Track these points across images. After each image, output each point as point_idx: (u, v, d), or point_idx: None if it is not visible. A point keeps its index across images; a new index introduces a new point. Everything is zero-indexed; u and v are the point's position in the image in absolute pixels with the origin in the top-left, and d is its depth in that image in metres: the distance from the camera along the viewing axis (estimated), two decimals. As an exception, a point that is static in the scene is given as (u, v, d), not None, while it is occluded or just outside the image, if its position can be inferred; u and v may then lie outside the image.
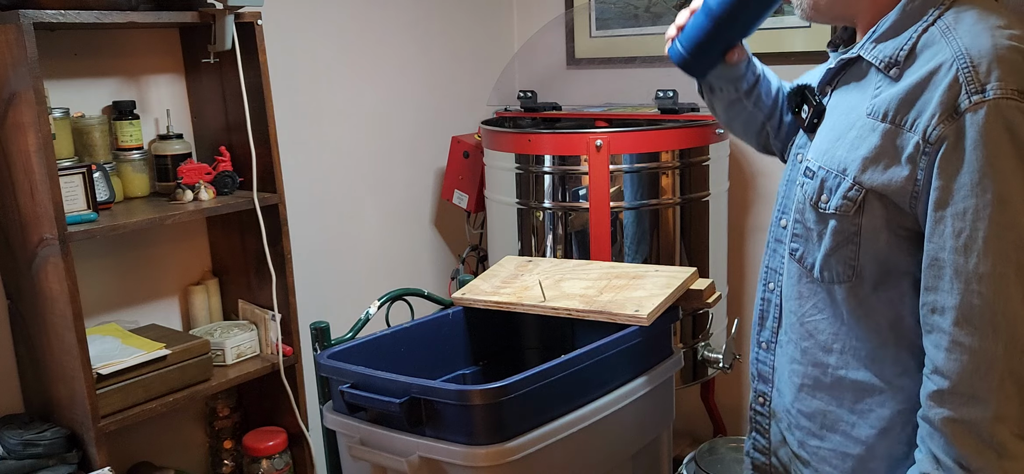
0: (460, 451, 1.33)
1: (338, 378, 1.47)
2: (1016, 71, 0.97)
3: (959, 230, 0.99)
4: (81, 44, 1.96)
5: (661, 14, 2.69)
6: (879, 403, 1.14)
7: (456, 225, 2.91)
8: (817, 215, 1.14)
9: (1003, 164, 0.96)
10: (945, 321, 1.01)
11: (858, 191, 1.08)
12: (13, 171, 1.75)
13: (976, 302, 0.98)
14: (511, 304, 1.70)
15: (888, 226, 1.07)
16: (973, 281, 0.98)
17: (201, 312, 2.19)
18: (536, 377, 1.36)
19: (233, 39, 1.92)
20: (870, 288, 1.11)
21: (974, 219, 0.98)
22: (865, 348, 1.14)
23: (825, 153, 1.14)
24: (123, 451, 2.05)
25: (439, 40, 2.79)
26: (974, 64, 0.98)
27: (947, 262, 1.00)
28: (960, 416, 1.00)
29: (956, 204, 0.99)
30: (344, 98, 2.53)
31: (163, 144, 2.04)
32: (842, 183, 1.09)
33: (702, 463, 2.33)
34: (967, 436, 1.00)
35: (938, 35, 1.03)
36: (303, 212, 2.41)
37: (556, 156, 2.26)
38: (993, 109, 0.96)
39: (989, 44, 0.99)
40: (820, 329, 1.19)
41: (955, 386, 1.00)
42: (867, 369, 1.14)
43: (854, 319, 1.14)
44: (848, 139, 1.10)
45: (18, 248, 1.82)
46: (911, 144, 1.02)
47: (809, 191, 1.15)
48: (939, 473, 1.02)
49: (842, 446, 1.18)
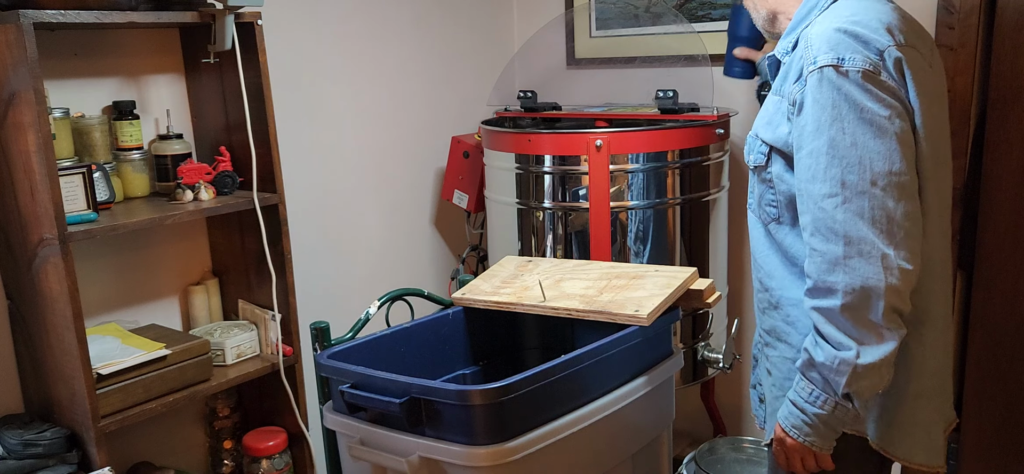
0: (460, 451, 1.33)
1: (338, 378, 1.47)
2: (836, 45, 1.29)
3: (807, 165, 1.32)
4: (81, 44, 1.96)
5: (661, 14, 2.69)
6: (801, 312, 1.42)
7: (456, 225, 2.91)
8: (750, 173, 1.52)
9: (831, 113, 1.29)
10: (806, 234, 1.33)
11: (764, 146, 1.45)
12: (13, 171, 1.75)
13: (820, 216, 1.30)
14: (511, 304, 1.70)
15: (786, 169, 1.41)
16: (818, 200, 1.30)
17: (201, 312, 2.19)
18: (536, 377, 1.36)
19: (233, 39, 1.92)
20: (787, 220, 1.44)
21: (815, 156, 1.30)
22: (792, 272, 1.44)
23: (753, 126, 1.51)
24: (123, 451, 2.05)
25: (439, 40, 2.79)
26: (811, 43, 1.33)
27: (804, 191, 1.33)
28: (819, 305, 1.31)
29: (804, 146, 1.32)
30: (344, 98, 2.53)
31: (163, 144, 2.04)
32: (755, 143, 1.47)
33: (702, 463, 2.33)
34: (825, 318, 1.30)
35: (809, 29, 1.37)
36: (303, 212, 2.41)
37: (556, 156, 2.26)
38: (818, 73, 1.30)
39: (824, 28, 1.32)
40: (766, 261, 1.51)
41: (815, 283, 1.31)
42: (794, 289, 1.44)
43: (782, 250, 1.46)
44: (764, 114, 1.47)
45: (18, 248, 1.82)
46: (784, 106, 1.39)
47: (746, 156, 1.52)
48: (815, 349, 1.33)
49: (786, 352, 1.48)
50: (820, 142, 1.29)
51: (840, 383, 1.31)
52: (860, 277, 1.26)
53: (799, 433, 1.38)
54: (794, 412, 1.38)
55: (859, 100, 1.28)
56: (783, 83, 1.41)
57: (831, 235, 1.28)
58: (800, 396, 1.37)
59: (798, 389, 1.37)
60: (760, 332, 1.58)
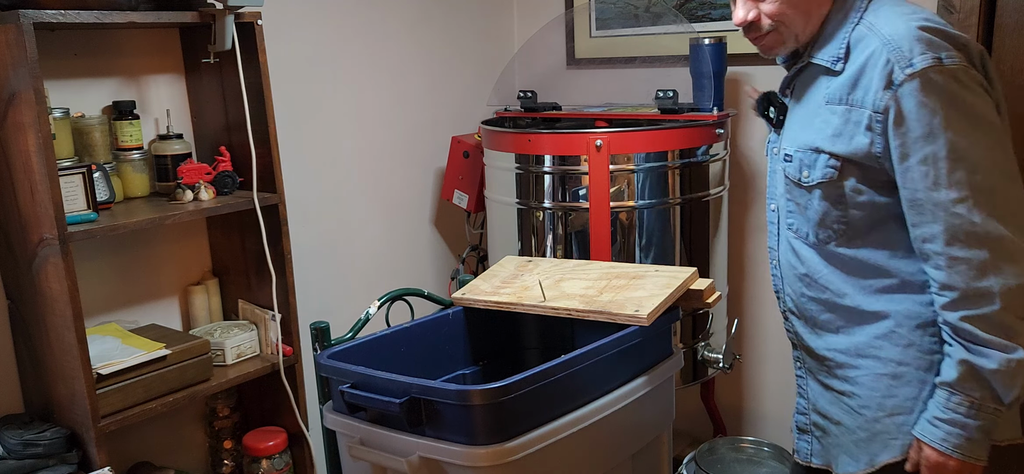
0: (460, 451, 1.33)
1: (338, 378, 1.47)
2: (928, 44, 1.27)
3: (925, 173, 1.28)
4: (81, 44, 1.96)
5: (661, 14, 2.69)
6: (896, 324, 1.40)
7: (456, 225, 2.91)
8: (802, 191, 1.44)
9: (943, 115, 1.25)
10: (937, 245, 1.29)
11: (834, 161, 1.38)
12: (13, 171, 1.75)
13: (955, 223, 1.27)
14: (511, 304, 1.70)
15: (865, 182, 1.37)
16: (949, 208, 1.27)
17: (201, 312, 2.19)
18: (536, 377, 1.36)
19: (233, 39, 1.92)
20: (862, 235, 1.40)
21: (934, 162, 1.27)
22: (873, 283, 1.41)
23: (796, 139, 1.45)
24: (123, 451, 2.05)
25: (439, 40, 2.79)
26: (894, 46, 1.29)
27: (924, 200, 1.29)
28: (975, 313, 1.28)
29: (917, 154, 1.28)
30: (344, 98, 2.53)
31: (163, 144, 2.04)
32: (818, 159, 1.40)
33: (702, 463, 2.33)
34: (984, 325, 1.27)
35: (865, 31, 1.36)
36: (303, 212, 2.41)
37: (556, 156, 2.26)
38: (922, 77, 1.26)
39: (905, 29, 1.30)
40: (830, 282, 1.45)
41: (964, 292, 1.28)
42: (881, 302, 1.41)
43: (852, 265, 1.42)
44: (814, 125, 1.41)
45: (18, 248, 1.82)
46: (865, 116, 1.33)
47: (791, 172, 1.46)
48: (980, 358, 1.28)
49: (878, 368, 1.43)
50: (936, 147, 1.26)
51: (1015, 387, 1.28)
52: (1014, 276, 1.26)
53: (964, 452, 1.32)
54: (953, 432, 1.33)
55: (966, 98, 1.26)
56: (850, 91, 1.35)
57: (973, 240, 1.26)
58: (956, 413, 1.32)
59: (952, 406, 1.32)
60: (820, 356, 1.53)
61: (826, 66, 1.40)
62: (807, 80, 1.46)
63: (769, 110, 1.56)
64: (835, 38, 1.40)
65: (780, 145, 1.51)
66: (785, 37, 1.43)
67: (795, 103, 1.49)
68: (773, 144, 1.56)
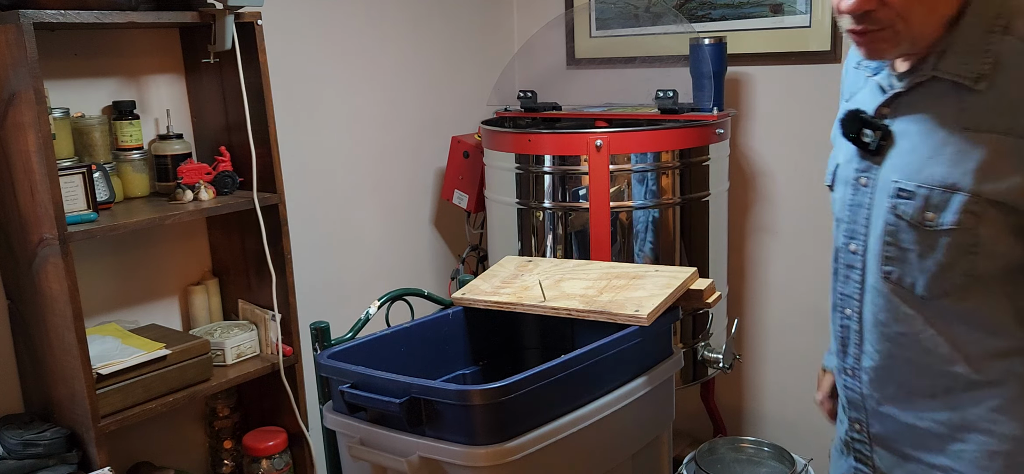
0: (460, 451, 1.33)
1: (338, 378, 1.47)
2: None
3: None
4: (81, 44, 1.96)
5: (661, 14, 2.69)
6: (1018, 393, 1.19)
7: (456, 225, 2.91)
8: (921, 233, 1.17)
9: None
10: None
11: (976, 203, 1.11)
12: (13, 171, 1.75)
13: None
14: (511, 304, 1.70)
15: (1011, 230, 1.11)
16: None
17: (201, 312, 2.19)
18: (536, 377, 1.36)
19: (233, 39, 1.92)
20: (987, 289, 1.15)
21: None
22: (994, 345, 1.18)
23: (919, 172, 1.16)
24: (123, 451, 2.05)
25: (439, 40, 2.79)
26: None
27: None
28: None
29: None
30: (344, 98, 2.53)
31: (163, 144, 2.04)
32: (953, 198, 1.13)
33: (702, 463, 2.33)
34: None
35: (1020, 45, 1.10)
36: (303, 212, 2.41)
37: (556, 156, 2.26)
38: None
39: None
40: (937, 343, 1.21)
41: None
42: (1000, 363, 1.18)
43: (973, 322, 1.18)
44: (945, 155, 1.14)
45: (18, 248, 1.82)
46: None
47: (909, 211, 1.18)
48: None
49: (987, 445, 1.21)
50: None
51: None
52: None
53: None
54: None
55: None
56: (1007, 117, 1.09)
57: None
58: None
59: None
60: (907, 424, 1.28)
61: (963, 82, 1.13)
62: (925, 98, 1.18)
63: (863, 133, 1.24)
64: (973, 49, 1.13)
65: (881, 176, 1.22)
66: (902, 37, 1.14)
67: (906, 126, 1.20)
68: (864, 173, 1.26)
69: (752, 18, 2.50)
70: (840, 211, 1.31)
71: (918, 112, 1.18)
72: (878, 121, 1.22)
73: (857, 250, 1.28)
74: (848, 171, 1.29)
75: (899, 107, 1.21)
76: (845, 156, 1.30)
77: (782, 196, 2.59)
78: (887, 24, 1.12)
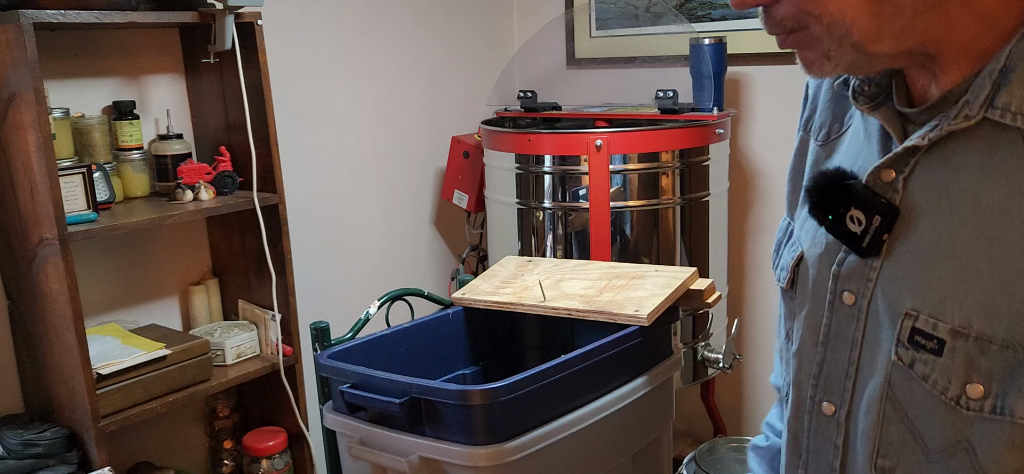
0: (460, 451, 1.33)
1: (338, 378, 1.47)
2: None
3: None
4: (81, 44, 1.96)
5: (661, 14, 2.69)
6: None
7: (456, 225, 2.91)
8: (952, 416, 0.65)
9: None
10: None
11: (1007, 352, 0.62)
12: (13, 171, 1.75)
13: None
14: (511, 304, 1.70)
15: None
16: None
17: (201, 312, 2.19)
18: (536, 377, 1.36)
19: (233, 39, 1.92)
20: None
21: None
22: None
23: (955, 296, 0.64)
24: (123, 451, 2.05)
25: (439, 40, 2.79)
26: None
27: None
28: None
29: None
30: (344, 98, 2.53)
31: (163, 144, 2.04)
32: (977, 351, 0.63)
33: (702, 463, 2.33)
34: None
35: None
36: (303, 212, 2.41)
37: (556, 156, 2.26)
38: None
39: None
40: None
41: None
42: None
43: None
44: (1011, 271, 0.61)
45: (18, 248, 1.82)
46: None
47: (931, 371, 0.66)
48: None
49: None
50: None
51: None
52: None
53: None
54: None
55: None
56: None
57: None
58: None
59: None
60: None
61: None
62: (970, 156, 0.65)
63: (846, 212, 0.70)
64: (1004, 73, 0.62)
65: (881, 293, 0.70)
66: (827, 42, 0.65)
67: (931, 203, 0.67)
68: (850, 283, 0.73)
69: (752, 18, 2.49)
70: (803, 341, 0.78)
71: (956, 179, 0.65)
72: (878, 196, 0.69)
73: (833, 412, 0.76)
74: (820, 274, 0.76)
75: (919, 170, 0.68)
76: (814, 243, 0.77)
77: (782, 196, 2.58)
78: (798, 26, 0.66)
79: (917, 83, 0.70)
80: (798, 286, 0.79)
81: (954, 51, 0.65)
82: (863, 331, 0.72)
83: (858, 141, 0.75)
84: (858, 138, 0.75)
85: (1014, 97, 0.61)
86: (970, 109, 0.63)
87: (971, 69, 0.65)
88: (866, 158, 0.72)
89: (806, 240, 0.79)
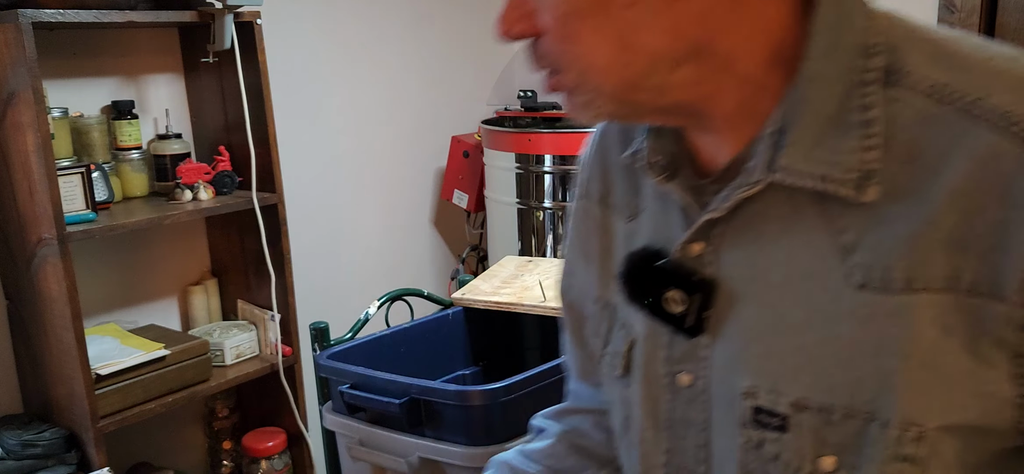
0: (460, 451, 1.32)
1: (338, 378, 1.47)
2: None
3: None
4: (80, 44, 1.96)
5: (661, 14, 2.68)
6: None
7: (456, 225, 2.91)
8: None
9: None
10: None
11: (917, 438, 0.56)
12: (12, 171, 1.75)
13: None
14: (511, 304, 1.70)
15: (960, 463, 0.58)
16: None
17: (200, 312, 2.19)
18: (536, 377, 1.36)
19: (232, 39, 1.91)
20: None
21: None
22: None
23: (790, 364, 0.60)
24: (122, 451, 2.05)
25: (439, 39, 2.79)
26: None
27: None
28: None
29: None
30: (344, 98, 2.53)
31: (162, 144, 2.04)
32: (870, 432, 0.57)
33: (702, 463, 2.32)
34: None
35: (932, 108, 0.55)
36: (303, 212, 2.41)
37: (556, 156, 2.26)
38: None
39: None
40: None
41: None
42: None
43: None
44: (831, 340, 0.58)
45: (17, 248, 1.81)
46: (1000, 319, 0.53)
47: (786, 455, 0.61)
48: None
49: None
50: None
51: None
52: None
53: None
54: None
55: None
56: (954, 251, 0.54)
57: None
58: None
59: None
60: None
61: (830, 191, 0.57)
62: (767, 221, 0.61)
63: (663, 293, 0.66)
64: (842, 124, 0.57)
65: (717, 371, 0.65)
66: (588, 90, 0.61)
67: (744, 269, 0.63)
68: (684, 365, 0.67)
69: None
70: (644, 429, 0.72)
71: (761, 248, 0.61)
72: (691, 273, 0.64)
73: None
74: (653, 357, 0.69)
75: (726, 241, 0.63)
76: (644, 328, 0.70)
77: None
78: (557, 68, 0.64)
79: (704, 150, 0.66)
80: (632, 371, 0.72)
81: (727, 114, 0.61)
82: (709, 413, 0.66)
83: (656, 217, 0.70)
84: (656, 214, 0.70)
85: (794, 157, 0.57)
86: (753, 175, 0.59)
87: (752, 133, 0.60)
88: (669, 234, 0.67)
89: (634, 322, 0.71)
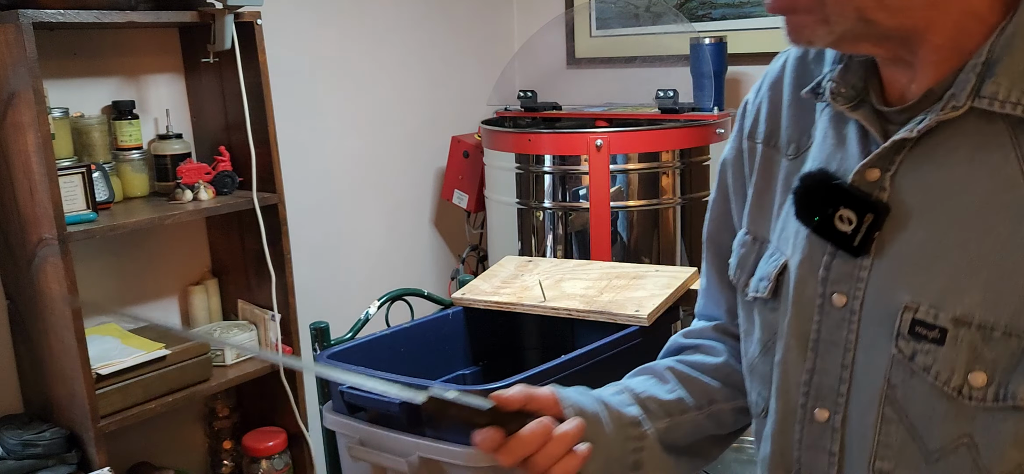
0: (460, 451, 1.32)
1: (337, 378, 1.47)
2: None
3: None
4: (80, 44, 1.96)
5: (661, 14, 2.69)
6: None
7: (456, 225, 2.91)
8: (956, 409, 0.65)
9: None
10: None
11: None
12: (12, 171, 1.75)
13: None
14: (511, 304, 1.70)
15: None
16: None
17: (201, 312, 2.19)
18: (536, 377, 1.36)
19: (233, 39, 1.92)
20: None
21: None
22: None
23: (954, 288, 0.64)
24: (122, 451, 2.05)
25: (439, 40, 2.79)
26: None
27: None
28: None
29: None
30: (344, 98, 2.53)
31: (162, 144, 2.04)
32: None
33: (702, 463, 2.32)
34: None
35: None
36: (303, 212, 2.41)
37: (556, 156, 2.26)
38: None
39: None
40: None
41: None
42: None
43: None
44: (1006, 263, 0.62)
45: (17, 248, 1.81)
46: None
47: (933, 362, 0.65)
48: None
49: None
50: None
51: None
52: None
53: None
54: None
55: None
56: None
57: None
58: None
59: None
60: None
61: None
62: (956, 149, 0.66)
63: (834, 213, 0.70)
64: None
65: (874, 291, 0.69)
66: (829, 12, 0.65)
67: (921, 198, 0.67)
68: (841, 284, 0.71)
69: (752, 18, 2.50)
70: (788, 350, 0.76)
71: (944, 173, 0.65)
72: (866, 193, 0.68)
73: (827, 418, 0.74)
74: (808, 278, 0.73)
75: (905, 166, 0.67)
76: (796, 249, 0.75)
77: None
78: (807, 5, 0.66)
79: (895, 82, 0.71)
80: (781, 295, 0.77)
81: (937, 44, 0.66)
82: (856, 332, 0.70)
83: (827, 148, 0.74)
84: (827, 145, 0.75)
85: (1000, 86, 0.63)
86: (957, 100, 0.64)
87: (950, 67, 0.66)
88: (843, 162, 0.72)
89: (787, 247, 0.77)
